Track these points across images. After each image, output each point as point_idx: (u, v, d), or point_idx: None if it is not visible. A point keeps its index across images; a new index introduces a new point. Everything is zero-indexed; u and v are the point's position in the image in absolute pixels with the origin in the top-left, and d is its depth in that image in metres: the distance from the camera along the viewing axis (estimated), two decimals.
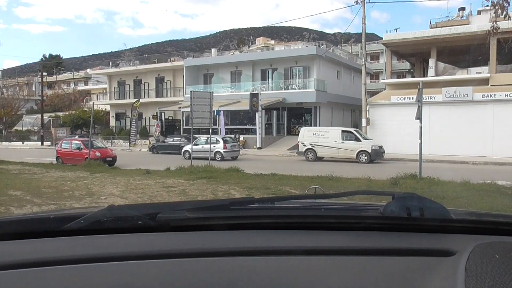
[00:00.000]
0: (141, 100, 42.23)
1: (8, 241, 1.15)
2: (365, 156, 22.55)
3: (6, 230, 1.21)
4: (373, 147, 22.68)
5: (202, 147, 25.22)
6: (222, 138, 26.06)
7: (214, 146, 24.40)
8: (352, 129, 24.70)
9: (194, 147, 25.57)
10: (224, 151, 25.06)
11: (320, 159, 23.88)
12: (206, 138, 25.60)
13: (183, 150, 27.31)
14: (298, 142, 24.90)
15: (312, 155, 24.08)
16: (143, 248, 1.09)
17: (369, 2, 27.03)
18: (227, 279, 0.94)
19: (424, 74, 33.14)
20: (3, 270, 0.96)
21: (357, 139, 23.13)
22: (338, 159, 23.28)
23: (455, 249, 1.09)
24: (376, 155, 22.71)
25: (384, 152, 23.28)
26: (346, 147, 23.06)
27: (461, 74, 29.53)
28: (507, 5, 9.08)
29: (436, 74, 29.97)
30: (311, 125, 36.14)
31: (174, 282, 0.93)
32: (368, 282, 0.94)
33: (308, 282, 0.94)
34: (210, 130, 20.97)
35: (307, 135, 24.48)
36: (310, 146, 24.12)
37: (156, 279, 0.93)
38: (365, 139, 23.61)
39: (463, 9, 45.30)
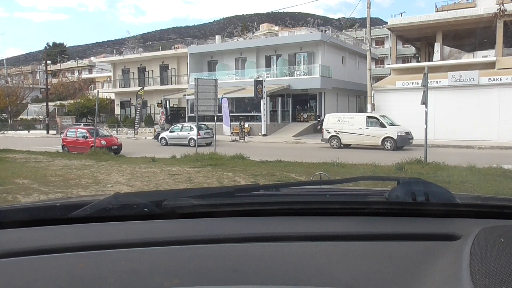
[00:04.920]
0: (145, 88, 42.25)
1: (16, 229, 1.16)
2: (390, 143, 21.67)
3: (14, 218, 1.22)
4: (399, 133, 21.71)
5: (178, 134, 27.72)
6: (196, 126, 26.96)
7: (188, 133, 26.96)
8: (377, 115, 23.57)
9: (169, 134, 28.06)
10: (198, 138, 25.89)
11: (347, 146, 23.23)
12: (180, 125, 28.90)
13: (160, 137, 29.20)
14: (323, 129, 24.34)
15: (337, 142, 23.45)
16: (149, 235, 1.09)
17: None
18: (233, 265, 0.95)
19: (430, 58, 32.86)
20: (11, 257, 0.97)
21: (382, 125, 22.23)
22: (363, 146, 22.56)
23: (460, 233, 1.09)
24: (402, 142, 21.73)
25: (412, 138, 22.04)
26: (370, 133, 22.29)
27: (467, 58, 29.25)
28: None
29: (442, 58, 29.70)
30: (315, 112, 36.11)
31: (180, 268, 0.94)
32: (374, 267, 0.94)
33: (314, 267, 0.94)
34: (215, 117, 21.00)
35: (331, 121, 23.83)
36: (334, 133, 23.50)
37: (162, 265, 0.94)
38: (392, 124, 22.59)
39: None
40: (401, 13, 45.37)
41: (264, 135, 32.10)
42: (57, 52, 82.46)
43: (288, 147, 24.99)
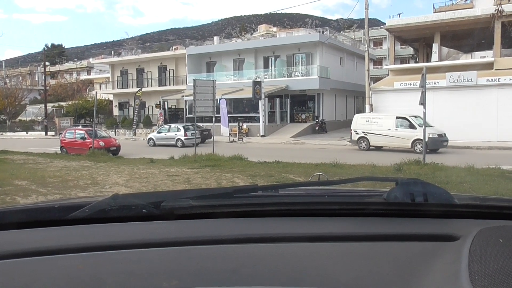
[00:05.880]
0: (144, 89, 42.23)
1: (14, 230, 1.16)
2: (421, 145, 19.82)
3: (12, 219, 1.22)
4: (431, 136, 19.78)
5: (165, 134, 28.20)
6: (183, 127, 28.18)
7: (175, 134, 27.45)
8: (407, 115, 21.67)
9: (157, 135, 28.65)
10: (184, 138, 27.11)
11: (379, 148, 22.10)
12: (168, 126, 29.39)
13: (148, 138, 29.79)
14: (351, 130, 23.32)
15: (365, 144, 22.40)
16: (148, 237, 1.09)
17: None
18: (231, 266, 0.94)
19: (428, 59, 32.89)
20: (10, 258, 0.97)
21: (412, 126, 20.79)
22: (393, 148, 21.27)
23: (459, 234, 1.09)
24: (434, 144, 20.22)
25: (446, 140, 20.81)
26: (400, 135, 20.98)
27: (465, 59, 29.28)
28: None
29: (440, 59, 29.74)
30: (314, 113, 36.09)
31: (179, 269, 0.94)
32: (372, 267, 0.94)
33: (312, 268, 0.94)
34: (214, 118, 21.00)
35: (359, 122, 22.80)
36: (362, 135, 22.43)
37: (160, 267, 0.94)
38: (426, 126, 21.22)
39: None
40: (399, 14, 45.43)
41: (262, 136, 32.11)
42: (55, 53, 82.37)
43: (287, 148, 25.00)
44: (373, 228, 1.17)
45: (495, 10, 10.76)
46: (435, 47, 30.07)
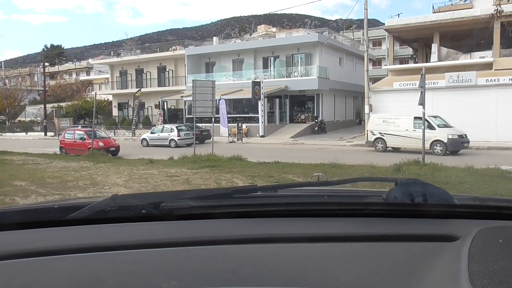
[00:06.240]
0: (143, 90, 42.22)
1: (13, 231, 1.16)
2: (440, 146, 19.50)
3: (12, 220, 1.22)
4: (450, 136, 19.37)
5: (158, 135, 28.51)
6: (177, 127, 28.47)
7: (169, 134, 27.76)
8: (426, 115, 20.64)
9: (150, 135, 28.86)
10: (178, 139, 27.48)
11: (396, 149, 21.02)
12: (162, 127, 29.86)
13: (141, 138, 30.09)
14: (367, 130, 22.69)
15: (382, 145, 21.59)
16: (147, 237, 1.09)
17: None
18: (231, 266, 0.94)
19: (427, 59, 32.91)
20: (9, 259, 0.97)
21: (431, 127, 19.65)
22: (410, 149, 19.93)
23: (458, 234, 1.09)
24: (454, 146, 19.54)
25: (467, 142, 20.02)
26: (418, 136, 19.17)
27: (464, 59, 29.31)
28: None
29: (439, 59, 29.76)
30: (313, 113, 36.09)
31: (178, 270, 0.94)
32: (372, 268, 0.94)
33: (312, 268, 0.94)
34: (213, 119, 21.00)
35: (376, 122, 22.01)
36: (379, 135, 21.66)
37: (160, 267, 0.94)
38: (445, 126, 20.41)
39: None
40: (398, 14, 45.56)
41: (261, 136, 32.11)
42: (55, 54, 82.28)
43: (286, 148, 24.99)
44: (373, 229, 1.17)
45: (494, 11, 10.76)
46: (434, 47, 30.09)
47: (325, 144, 26.74)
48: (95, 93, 29.45)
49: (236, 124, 30.91)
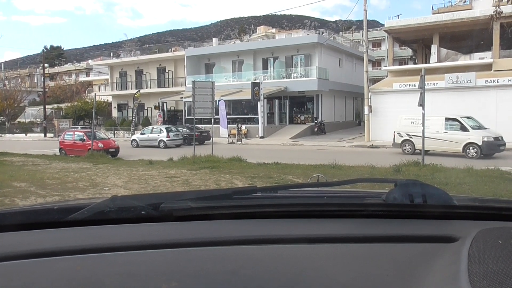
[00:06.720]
0: (142, 91, 42.24)
1: (13, 232, 1.15)
2: (474, 149, 18.43)
3: (11, 221, 1.22)
4: (485, 139, 18.35)
5: (148, 136, 28.84)
6: (166, 128, 28.85)
7: (158, 135, 28.11)
8: (457, 116, 19.70)
9: (140, 136, 29.15)
10: (167, 140, 27.82)
11: (426, 152, 18.04)
12: (151, 128, 30.30)
13: (131, 139, 30.40)
14: (394, 132, 21.39)
15: (410, 148, 20.41)
16: (147, 238, 1.09)
17: None
18: (231, 268, 0.94)
19: (427, 60, 32.93)
20: (9, 260, 0.97)
21: (464, 129, 18.89)
22: (441, 152, 19.16)
23: (458, 235, 1.09)
24: (489, 149, 18.49)
25: (503, 144, 18.90)
26: (450, 138, 19.04)
27: (463, 60, 29.32)
28: None
29: (439, 60, 29.77)
30: (313, 114, 36.10)
31: (178, 271, 0.93)
32: (371, 269, 0.94)
33: (312, 270, 0.94)
34: (212, 120, 21.02)
35: (404, 123, 20.81)
36: (407, 137, 20.54)
37: (159, 268, 0.94)
38: (479, 128, 19.36)
39: None
40: (398, 15, 45.55)
41: (261, 137, 32.11)
42: (54, 55, 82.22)
43: (286, 149, 24.97)
44: (372, 230, 1.17)
45: (493, 12, 10.76)
46: (434, 48, 30.11)
47: (325, 145, 26.73)
48: (95, 94, 29.48)
49: (235, 125, 30.91)
